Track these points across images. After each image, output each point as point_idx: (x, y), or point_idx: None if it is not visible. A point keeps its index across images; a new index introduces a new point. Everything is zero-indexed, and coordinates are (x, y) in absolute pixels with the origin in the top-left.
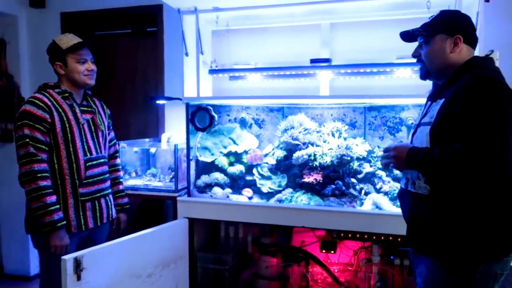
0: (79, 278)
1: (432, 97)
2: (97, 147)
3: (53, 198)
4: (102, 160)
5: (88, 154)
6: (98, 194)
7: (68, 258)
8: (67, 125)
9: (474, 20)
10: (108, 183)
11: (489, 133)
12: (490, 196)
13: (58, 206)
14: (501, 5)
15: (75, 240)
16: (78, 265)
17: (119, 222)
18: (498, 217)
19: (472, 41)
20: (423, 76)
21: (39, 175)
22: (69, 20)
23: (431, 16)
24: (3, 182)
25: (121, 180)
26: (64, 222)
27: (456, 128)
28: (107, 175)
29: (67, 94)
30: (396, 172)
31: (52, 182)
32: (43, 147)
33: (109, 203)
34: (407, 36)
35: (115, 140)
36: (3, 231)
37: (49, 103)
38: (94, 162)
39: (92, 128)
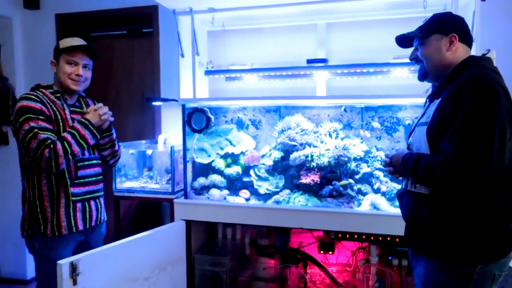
0: (75, 282)
1: (430, 97)
2: (89, 148)
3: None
4: (95, 161)
5: (79, 154)
6: (88, 196)
7: (64, 262)
8: (61, 123)
9: (470, 20)
10: (100, 185)
11: (474, 132)
12: (489, 197)
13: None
14: (497, 4)
15: (71, 245)
16: (74, 269)
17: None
18: (496, 218)
19: (467, 39)
20: (421, 77)
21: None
22: (64, 21)
23: (425, 20)
24: None
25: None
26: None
27: (447, 126)
28: (100, 177)
29: (58, 94)
30: None
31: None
32: (52, 135)
33: (99, 206)
34: (403, 40)
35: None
36: None
37: (43, 99)
38: (86, 163)
39: None
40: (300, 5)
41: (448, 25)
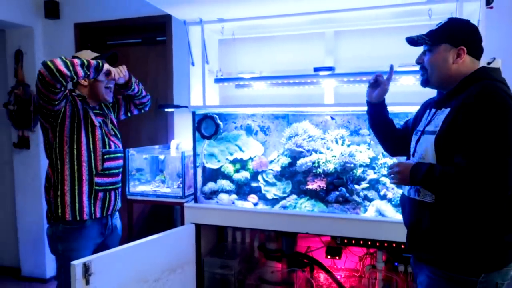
0: (87, 282)
1: (436, 105)
2: (114, 143)
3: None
4: (119, 154)
5: (107, 147)
6: (110, 187)
7: (77, 263)
8: (88, 115)
9: None
10: (120, 177)
11: (490, 148)
12: (493, 206)
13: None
14: (504, 11)
15: (91, 247)
16: (86, 270)
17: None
18: (499, 229)
19: (477, 53)
20: (424, 83)
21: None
22: (82, 30)
23: (439, 23)
24: (19, 187)
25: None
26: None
27: (460, 139)
28: (121, 169)
29: (81, 98)
30: None
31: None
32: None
33: (117, 196)
34: (412, 41)
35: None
36: (20, 235)
37: (68, 94)
38: (112, 156)
39: (105, 129)
40: (308, 15)
41: (459, 37)
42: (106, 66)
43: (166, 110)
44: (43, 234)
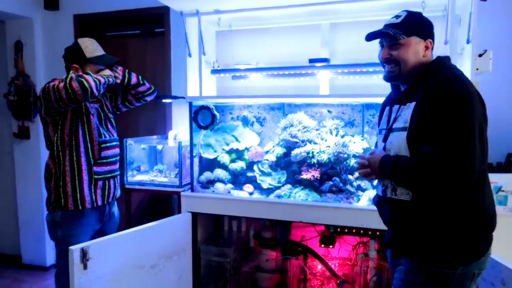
0: (85, 267)
1: (400, 100)
2: (109, 132)
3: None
4: (115, 143)
5: (102, 136)
6: (109, 175)
7: (75, 248)
8: (83, 106)
9: (467, 20)
10: (118, 165)
11: (454, 134)
12: (467, 196)
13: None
14: (495, 3)
15: (89, 232)
16: (84, 255)
17: None
18: (474, 217)
19: (433, 44)
20: (393, 78)
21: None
22: (81, 21)
23: (397, 16)
24: (19, 177)
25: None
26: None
27: (427, 129)
28: (118, 157)
29: None
30: None
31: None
32: None
33: (117, 184)
34: (375, 35)
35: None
36: (21, 224)
37: None
38: (108, 144)
39: (102, 115)
40: (304, 6)
41: (425, 29)
42: (111, 81)
43: (163, 100)
44: (43, 223)
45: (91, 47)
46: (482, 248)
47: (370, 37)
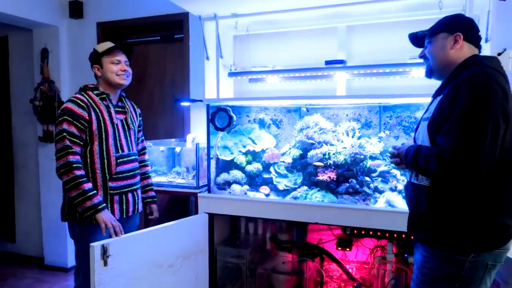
0: (105, 264)
1: (435, 94)
2: (129, 145)
3: (90, 185)
4: (133, 157)
5: (120, 151)
6: (126, 189)
7: (96, 245)
8: (102, 124)
9: (485, 19)
10: (137, 179)
11: (468, 127)
12: (486, 190)
13: (95, 191)
14: None
15: (107, 233)
16: (105, 251)
17: (152, 212)
18: (491, 210)
19: (474, 39)
20: (428, 74)
21: (74, 165)
22: (104, 29)
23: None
24: (43, 180)
25: (149, 174)
26: (104, 204)
27: (445, 121)
28: (137, 171)
29: (104, 95)
30: None
31: (85, 173)
32: (78, 141)
33: (136, 198)
34: (415, 39)
35: (143, 137)
36: (44, 225)
37: (88, 103)
38: (125, 159)
39: (125, 127)
40: (321, 9)
41: (454, 24)
42: (101, 219)
43: (182, 104)
44: (64, 225)
45: (103, 44)
46: (496, 239)
47: (411, 41)
